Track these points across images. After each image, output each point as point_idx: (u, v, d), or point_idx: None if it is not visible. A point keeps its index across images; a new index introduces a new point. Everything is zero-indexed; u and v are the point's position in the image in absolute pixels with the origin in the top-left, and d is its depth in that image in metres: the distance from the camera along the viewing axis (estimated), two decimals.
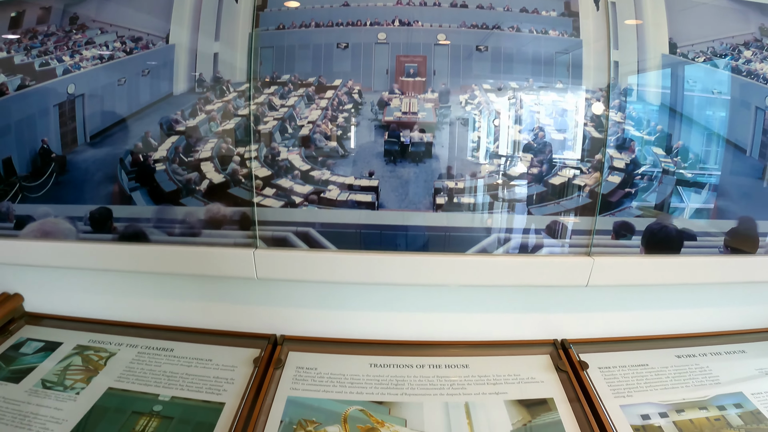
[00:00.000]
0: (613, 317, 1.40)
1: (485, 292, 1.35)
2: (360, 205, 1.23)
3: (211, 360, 1.22)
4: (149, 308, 1.38)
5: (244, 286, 1.35)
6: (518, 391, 1.17)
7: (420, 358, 1.27)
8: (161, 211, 1.24)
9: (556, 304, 1.37)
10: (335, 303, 1.36)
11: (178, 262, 1.24)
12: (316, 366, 1.22)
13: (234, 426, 1.03)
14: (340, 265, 1.22)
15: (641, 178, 1.25)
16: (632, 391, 1.17)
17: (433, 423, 1.08)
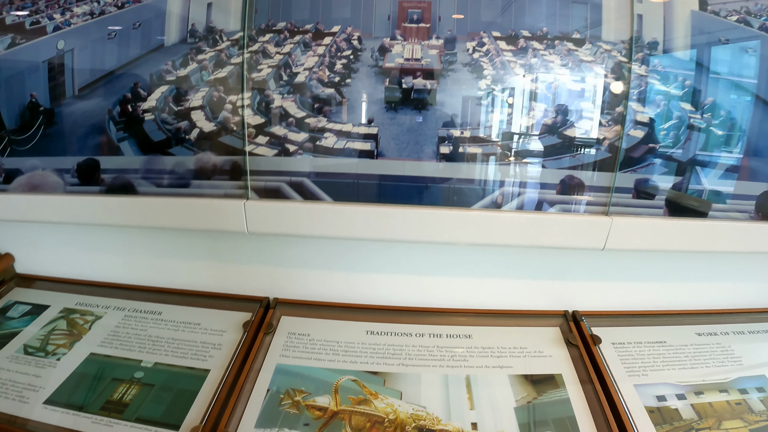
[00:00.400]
0: (629, 288, 1.29)
1: (492, 254, 1.26)
2: (358, 154, 1.15)
3: (199, 324, 1.17)
4: (139, 268, 1.33)
5: (237, 244, 1.29)
6: (524, 366, 1.09)
7: (420, 326, 1.20)
8: (150, 162, 1.19)
9: (569, 270, 1.27)
10: (331, 263, 1.29)
11: (165, 214, 1.18)
12: (309, 332, 1.16)
13: (217, 395, 0.97)
14: (335, 219, 1.14)
15: (667, 134, 1.13)
16: (648, 369, 1.08)
17: (431, 397, 1.01)
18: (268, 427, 0.92)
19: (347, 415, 0.96)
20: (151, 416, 0.94)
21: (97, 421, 0.93)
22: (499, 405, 0.99)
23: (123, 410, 0.95)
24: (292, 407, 0.97)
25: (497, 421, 0.96)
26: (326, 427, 0.93)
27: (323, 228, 1.15)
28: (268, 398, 0.98)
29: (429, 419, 0.96)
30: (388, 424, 0.94)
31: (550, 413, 0.98)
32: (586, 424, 0.95)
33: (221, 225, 1.17)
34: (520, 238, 1.14)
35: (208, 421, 0.92)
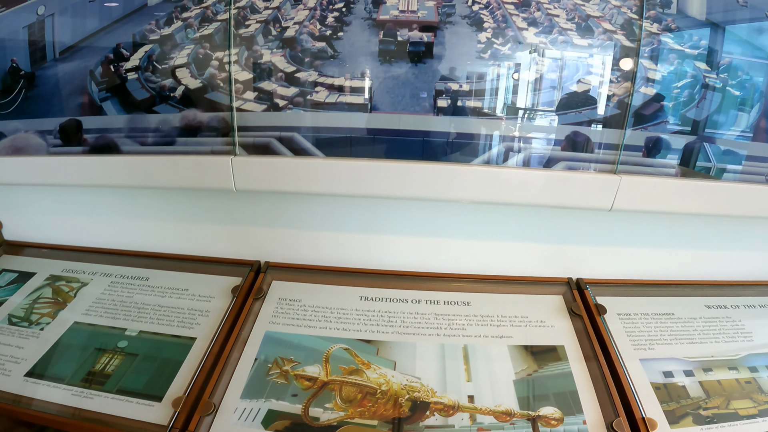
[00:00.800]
0: (636, 255, 1.21)
1: (492, 215, 1.18)
2: (351, 108, 1.08)
3: (187, 290, 1.13)
4: (127, 232, 1.29)
5: (226, 204, 1.24)
6: (524, 336, 1.03)
7: (416, 292, 1.14)
8: (133, 120, 1.14)
9: (573, 234, 1.19)
10: (324, 222, 1.23)
11: (151, 173, 1.14)
12: (301, 298, 1.11)
13: (202, 364, 0.93)
14: (328, 174, 1.08)
15: (680, 93, 1.04)
16: (655, 343, 1.02)
17: (426, 367, 0.96)
18: (255, 397, 0.88)
19: (338, 386, 0.91)
20: (133, 387, 0.90)
21: (77, 393, 0.90)
22: (497, 377, 0.94)
23: (105, 381, 0.92)
24: (280, 377, 0.93)
25: (495, 394, 0.91)
26: (315, 398, 0.89)
27: (315, 184, 1.09)
28: (255, 368, 0.94)
29: (423, 391, 0.91)
30: (381, 395, 0.90)
31: (551, 387, 0.92)
32: (588, 400, 0.90)
33: (208, 183, 1.12)
34: (522, 196, 1.07)
35: (191, 391, 0.88)
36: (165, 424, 0.84)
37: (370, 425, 0.85)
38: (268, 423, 0.85)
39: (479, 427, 0.86)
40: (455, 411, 0.88)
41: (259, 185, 1.11)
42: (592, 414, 0.88)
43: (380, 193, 1.09)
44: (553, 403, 0.89)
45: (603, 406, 0.89)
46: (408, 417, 0.87)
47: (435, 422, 0.86)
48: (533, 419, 0.87)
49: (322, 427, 0.85)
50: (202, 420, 0.85)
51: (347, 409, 0.87)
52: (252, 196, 1.20)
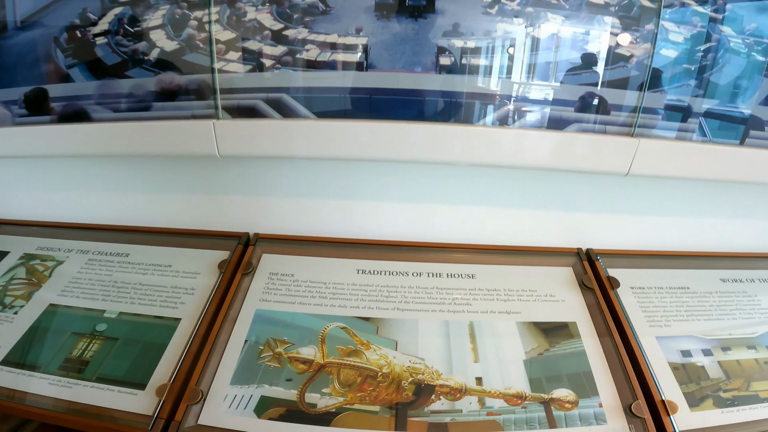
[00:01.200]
0: (648, 224, 1.15)
1: (498, 180, 1.11)
2: (345, 66, 0.99)
3: (170, 266, 1.05)
4: (104, 205, 1.21)
5: (209, 172, 1.15)
6: (534, 312, 0.97)
7: (417, 264, 1.07)
8: (104, 86, 1.04)
9: (583, 201, 1.12)
10: (317, 190, 1.15)
11: (126, 140, 1.05)
12: (293, 272, 1.04)
13: (187, 347, 0.86)
14: (320, 137, 1.00)
15: (704, 56, 0.95)
16: (671, 320, 0.96)
17: (430, 347, 0.89)
18: (246, 383, 0.82)
19: (335, 369, 0.85)
20: (113, 374, 0.84)
21: (54, 381, 0.83)
22: (506, 357, 0.88)
23: (83, 369, 0.85)
24: (272, 360, 0.86)
25: (504, 375, 0.85)
26: (311, 382, 0.83)
27: (306, 148, 1.01)
28: (245, 350, 0.87)
29: (428, 373, 0.85)
30: (382, 378, 0.83)
31: (564, 367, 0.86)
32: (604, 382, 0.84)
33: (189, 149, 1.03)
34: (531, 159, 0.99)
35: (177, 378, 0.82)
36: (149, 413, 0.78)
37: (371, 411, 0.79)
38: (261, 411, 0.79)
39: (489, 411, 0.80)
40: (462, 394, 0.82)
41: (245, 150, 1.02)
42: (608, 396, 0.82)
43: (378, 157, 1.01)
44: (566, 385, 0.84)
45: (620, 387, 0.83)
46: (412, 402, 0.81)
47: (441, 407, 0.80)
48: (546, 402, 0.82)
49: (320, 414, 0.78)
50: (190, 409, 0.78)
51: (346, 394, 0.81)
52: (238, 162, 1.12)
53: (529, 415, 0.80)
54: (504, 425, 0.78)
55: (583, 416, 0.80)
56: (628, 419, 0.80)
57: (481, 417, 0.79)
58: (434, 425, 0.78)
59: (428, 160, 1.01)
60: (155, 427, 0.77)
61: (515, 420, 0.79)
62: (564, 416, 0.80)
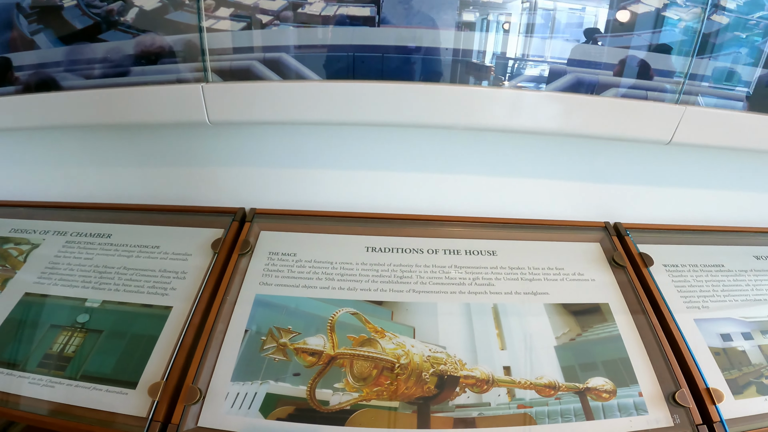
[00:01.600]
0: (679, 197, 1.09)
1: (519, 148, 1.02)
2: (354, 21, 0.88)
3: (157, 247, 0.95)
4: (81, 181, 1.11)
5: (199, 142, 1.05)
6: (562, 292, 0.89)
7: (432, 240, 0.98)
8: (74, 52, 0.94)
9: (609, 171, 1.04)
10: (321, 159, 1.05)
11: (103, 109, 0.94)
12: (295, 251, 0.95)
13: (181, 340, 0.78)
14: (325, 100, 0.90)
15: (756, 24, 0.88)
16: (708, 300, 0.90)
17: (451, 333, 0.81)
18: (248, 379, 0.74)
19: (347, 361, 0.77)
20: (99, 372, 0.75)
21: (35, 381, 0.75)
22: (535, 343, 0.80)
23: (65, 366, 0.76)
24: (277, 352, 0.78)
25: (534, 363, 0.78)
26: (321, 376, 0.75)
27: (308, 112, 0.91)
28: (246, 342, 0.79)
29: (451, 363, 0.77)
30: (400, 370, 0.76)
31: (599, 354, 0.80)
32: (642, 368, 0.78)
33: (175, 116, 0.93)
34: (562, 124, 0.91)
35: (171, 375, 0.74)
36: (143, 415, 0.70)
37: (390, 407, 0.72)
38: (267, 410, 0.71)
39: (519, 403, 0.73)
40: (490, 386, 0.75)
41: (239, 116, 0.92)
42: (648, 384, 0.76)
43: (389, 121, 0.92)
44: (602, 373, 0.77)
45: (660, 375, 0.77)
46: (435, 395, 0.73)
47: (467, 400, 0.73)
48: (581, 392, 0.75)
49: (333, 412, 0.71)
50: (188, 410, 0.70)
51: (361, 389, 0.73)
52: (231, 130, 1.02)
53: (564, 406, 0.73)
54: (537, 418, 0.72)
55: (622, 406, 0.74)
56: (671, 409, 0.74)
57: (511, 410, 0.72)
58: (460, 421, 0.71)
59: (446, 125, 0.92)
60: (150, 431, 0.69)
61: (549, 412, 0.72)
62: (602, 407, 0.73)
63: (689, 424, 0.72)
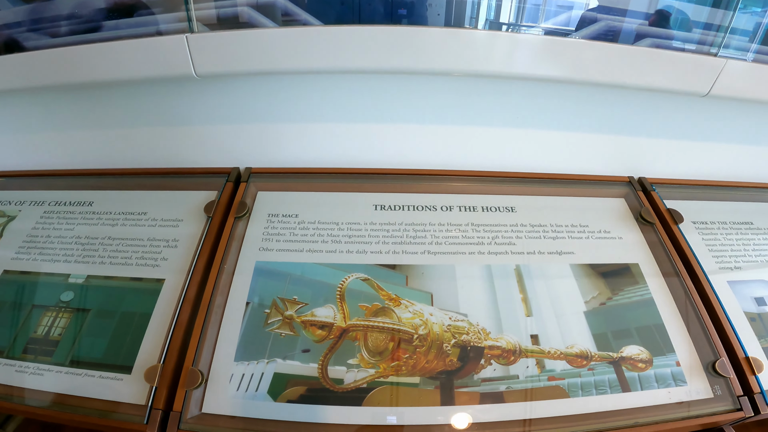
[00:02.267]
0: (710, 152, 1.02)
1: (540, 97, 0.92)
2: None
3: (145, 213, 0.86)
4: (58, 147, 1.01)
5: (186, 98, 0.94)
6: (589, 251, 0.82)
7: (446, 197, 0.90)
8: (36, 10, 0.87)
9: (635, 123, 0.96)
10: (321, 112, 0.95)
11: (73, 67, 0.84)
12: (297, 212, 0.86)
13: (176, 316, 0.71)
14: (325, 45, 0.80)
15: None
16: (740, 260, 0.83)
17: (471, 299, 0.75)
18: (253, 358, 0.67)
19: (361, 333, 0.70)
20: (90, 356, 0.68)
21: (22, 368, 0.69)
22: (563, 309, 0.74)
23: (52, 351, 0.69)
24: (283, 326, 0.71)
25: (564, 331, 0.71)
26: (333, 352, 0.68)
27: (308, 60, 0.81)
28: (248, 316, 0.72)
29: (473, 332, 0.71)
30: (419, 342, 0.69)
31: (632, 319, 0.73)
32: (678, 336, 0.72)
33: (157, 70, 0.83)
34: (595, 73, 0.82)
35: (168, 357, 0.68)
36: (142, 402, 0.64)
37: (410, 384, 0.66)
38: (276, 392, 0.65)
39: (550, 375, 0.67)
40: (517, 357, 0.69)
41: (229, 67, 0.82)
42: (685, 353, 0.71)
43: (397, 68, 0.82)
44: (637, 341, 0.71)
45: (697, 342, 0.72)
46: (458, 369, 0.67)
47: (493, 373, 0.67)
48: (615, 362, 0.69)
49: (349, 391, 0.65)
50: (190, 395, 0.64)
51: (378, 365, 0.67)
52: (221, 84, 0.91)
53: (598, 377, 0.67)
54: (569, 391, 0.66)
55: (659, 377, 0.68)
56: (710, 379, 0.69)
57: (541, 383, 0.67)
58: (487, 395, 0.65)
59: (463, 71, 0.82)
60: (151, 420, 0.63)
61: (582, 384, 0.67)
62: (638, 377, 0.68)
63: (729, 396, 0.67)
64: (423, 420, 0.63)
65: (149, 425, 0.63)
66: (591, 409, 0.64)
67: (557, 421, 0.64)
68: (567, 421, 0.64)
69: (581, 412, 0.64)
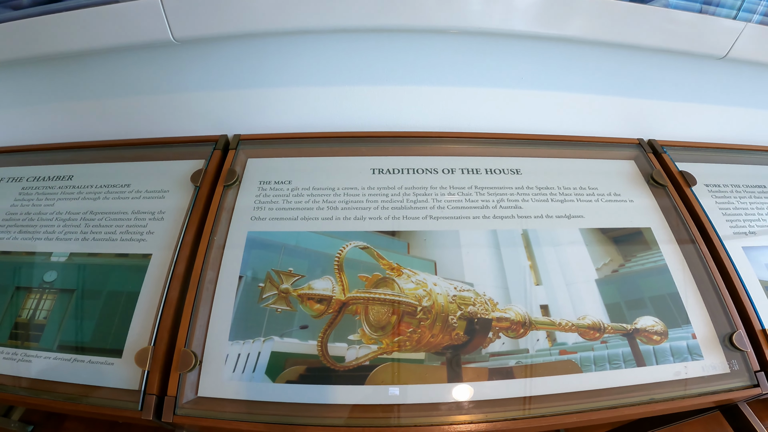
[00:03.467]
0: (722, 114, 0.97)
1: (543, 56, 0.86)
2: None
3: (128, 185, 0.81)
4: (33, 120, 0.94)
5: (166, 64, 0.86)
6: (599, 215, 0.77)
7: (447, 159, 0.84)
8: None
9: (646, 84, 0.90)
10: (312, 73, 0.87)
11: (42, 39, 0.77)
12: (290, 178, 0.81)
13: (165, 294, 0.67)
14: (312, 2, 0.72)
15: None
16: (754, 225, 0.79)
17: (477, 267, 0.70)
18: (248, 337, 0.64)
19: (361, 306, 0.67)
20: (78, 340, 0.65)
21: (9, 355, 0.65)
22: (574, 276, 0.70)
23: (39, 336, 0.66)
24: (279, 301, 0.67)
25: (575, 301, 0.68)
26: (333, 327, 0.65)
27: (297, 18, 0.74)
28: (241, 291, 0.68)
29: (480, 303, 0.67)
30: (423, 314, 0.66)
31: (646, 288, 0.69)
32: (694, 306, 0.69)
33: (131, 37, 0.76)
34: (606, 32, 0.77)
35: (159, 338, 0.64)
36: (135, 388, 0.61)
37: (415, 360, 0.63)
38: (275, 372, 0.62)
39: (561, 349, 0.64)
40: (527, 329, 0.65)
41: (210, 29, 0.76)
42: (701, 325, 0.67)
43: (393, 25, 0.75)
44: (651, 312, 0.68)
45: (713, 313, 0.68)
46: (465, 343, 0.64)
47: (502, 347, 0.64)
48: (629, 334, 0.66)
49: (350, 369, 0.62)
50: (184, 379, 0.61)
51: (380, 340, 0.64)
52: (202, 47, 0.84)
53: (611, 351, 0.64)
54: (582, 365, 0.63)
55: (675, 350, 0.65)
56: (727, 353, 0.65)
57: (552, 357, 0.64)
58: (496, 371, 0.62)
59: (461, 28, 0.76)
60: (146, 406, 0.60)
61: (595, 358, 0.64)
62: (653, 351, 0.65)
63: (746, 371, 0.64)
64: (429, 398, 0.60)
65: (144, 412, 0.60)
66: (605, 384, 0.61)
67: (570, 397, 0.61)
68: (580, 397, 0.61)
69: (595, 388, 0.61)
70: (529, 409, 0.60)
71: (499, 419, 0.59)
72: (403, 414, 0.60)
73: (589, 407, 0.60)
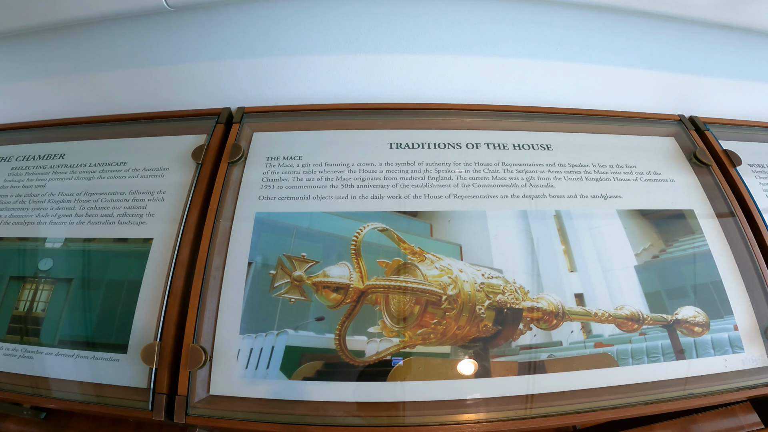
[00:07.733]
0: (764, 90, 0.89)
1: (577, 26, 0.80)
2: None
3: (124, 164, 0.75)
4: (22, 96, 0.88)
5: (162, 33, 0.80)
6: (638, 195, 0.72)
7: (471, 133, 0.77)
8: None
9: (687, 58, 0.84)
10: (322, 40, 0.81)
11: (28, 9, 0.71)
12: (300, 153, 0.75)
13: (169, 284, 0.62)
14: None
15: None
16: None
17: (506, 252, 0.65)
18: (261, 330, 0.60)
19: (381, 296, 0.62)
20: (79, 334, 0.61)
21: (9, 351, 0.62)
22: (611, 262, 0.65)
23: (38, 330, 0.62)
24: (292, 290, 0.62)
25: (613, 289, 0.63)
26: (351, 319, 0.60)
27: None
28: (251, 279, 0.63)
29: (510, 292, 0.62)
30: (448, 304, 0.61)
31: (688, 276, 0.65)
32: (738, 296, 0.64)
33: (123, 3, 0.70)
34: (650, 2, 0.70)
35: (165, 332, 0.60)
36: (143, 386, 0.58)
37: (440, 354, 0.59)
38: (290, 369, 0.58)
39: (597, 341, 0.60)
40: (560, 320, 0.61)
41: None
42: (744, 315, 0.63)
43: None
44: (692, 301, 0.63)
45: (756, 303, 0.63)
46: (494, 335, 0.60)
47: (534, 340, 0.60)
48: (670, 325, 0.61)
49: (371, 365, 0.58)
50: (194, 376, 0.57)
51: (402, 332, 0.60)
52: (200, 14, 0.77)
53: (650, 343, 0.60)
54: (618, 359, 0.59)
55: (716, 343, 0.61)
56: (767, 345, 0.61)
57: (588, 350, 0.59)
58: (527, 365, 0.58)
59: None
60: (156, 406, 0.57)
61: (632, 351, 0.59)
62: (693, 343, 0.60)
63: None
64: (455, 395, 0.57)
65: (155, 412, 0.56)
66: (642, 378, 0.58)
67: (605, 392, 0.57)
68: (615, 392, 0.57)
69: (631, 383, 0.57)
70: (563, 405, 0.56)
71: (529, 416, 0.56)
72: (427, 412, 0.56)
73: (624, 402, 0.56)
